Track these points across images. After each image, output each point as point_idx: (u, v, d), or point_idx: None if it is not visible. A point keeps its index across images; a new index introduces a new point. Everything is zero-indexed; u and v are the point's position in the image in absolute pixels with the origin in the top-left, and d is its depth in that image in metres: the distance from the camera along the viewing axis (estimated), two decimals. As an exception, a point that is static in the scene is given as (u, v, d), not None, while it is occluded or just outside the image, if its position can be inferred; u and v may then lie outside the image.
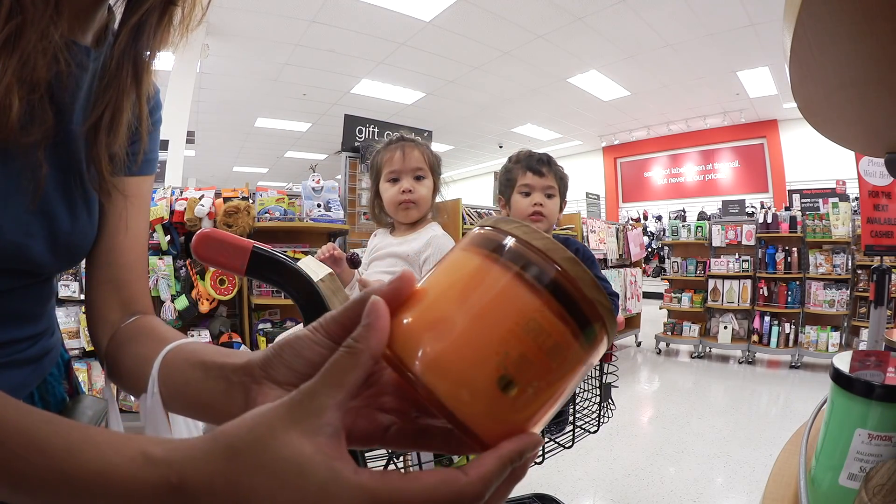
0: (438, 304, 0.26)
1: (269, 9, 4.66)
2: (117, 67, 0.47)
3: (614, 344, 1.38)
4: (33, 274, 0.47)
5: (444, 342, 0.25)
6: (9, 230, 0.41)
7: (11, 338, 0.48)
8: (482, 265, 0.26)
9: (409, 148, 1.29)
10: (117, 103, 0.47)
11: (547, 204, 1.37)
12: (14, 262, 0.43)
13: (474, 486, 0.24)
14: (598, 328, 0.26)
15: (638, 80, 6.68)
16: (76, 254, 0.50)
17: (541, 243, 0.26)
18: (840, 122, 0.68)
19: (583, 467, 2.40)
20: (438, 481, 0.24)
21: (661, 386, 4.03)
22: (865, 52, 0.43)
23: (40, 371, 0.53)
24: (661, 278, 7.29)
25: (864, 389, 0.48)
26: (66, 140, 0.46)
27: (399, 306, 0.27)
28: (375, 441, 0.32)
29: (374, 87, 6.83)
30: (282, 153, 10.34)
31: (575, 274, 0.25)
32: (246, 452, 0.24)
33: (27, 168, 0.41)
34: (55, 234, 0.46)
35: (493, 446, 0.25)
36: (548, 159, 1.41)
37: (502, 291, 0.25)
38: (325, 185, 3.08)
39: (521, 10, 4.82)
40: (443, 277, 0.28)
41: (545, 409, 0.26)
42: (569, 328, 0.25)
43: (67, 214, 0.47)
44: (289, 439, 0.24)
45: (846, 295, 4.19)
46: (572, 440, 1.23)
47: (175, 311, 2.55)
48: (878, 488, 0.44)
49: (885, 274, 1.94)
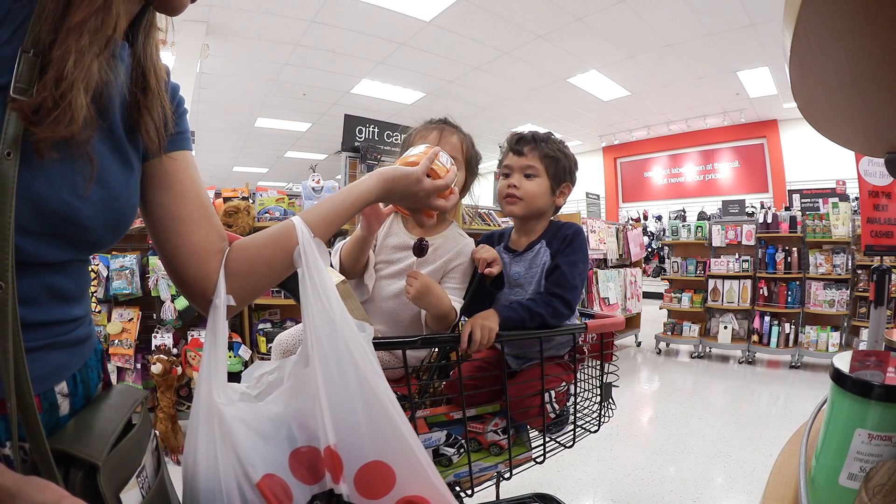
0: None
1: (269, 9, 4.66)
2: (148, 60, 0.57)
3: (615, 344, 1.37)
4: (79, 243, 0.51)
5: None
6: (62, 189, 0.46)
7: (55, 318, 0.51)
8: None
9: (448, 132, 1.19)
10: (156, 88, 0.57)
11: (524, 185, 1.25)
12: (64, 225, 0.48)
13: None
14: None
15: (638, 80, 6.68)
16: (122, 221, 0.55)
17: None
18: (840, 121, 0.68)
19: (583, 467, 2.40)
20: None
21: (661, 386, 4.03)
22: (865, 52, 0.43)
23: (81, 356, 0.56)
24: (661, 278, 7.29)
25: (864, 389, 0.48)
26: (112, 123, 0.54)
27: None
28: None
29: (374, 87, 6.82)
30: (282, 153, 10.34)
31: None
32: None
33: (80, 158, 0.48)
34: (106, 199, 0.51)
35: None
36: (533, 137, 1.28)
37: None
38: (325, 185, 3.09)
39: (521, 10, 4.82)
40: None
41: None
42: None
43: (116, 182, 0.53)
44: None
45: (846, 295, 4.19)
46: (573, 439, 1.23)
47: (175, 310, 2.55)
48: (878, 488, 0.44)
49: (885, 274, 1.94)
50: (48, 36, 0.43)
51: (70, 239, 0.49)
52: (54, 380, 0.51)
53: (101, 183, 0.50)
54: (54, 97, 0.43)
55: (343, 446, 0.54)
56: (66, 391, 0.53)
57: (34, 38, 0.43)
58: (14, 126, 0.42)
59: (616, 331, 1.29)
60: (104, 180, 0.51)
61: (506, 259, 1.28)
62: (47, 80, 0.43)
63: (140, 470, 0.54)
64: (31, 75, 0.42)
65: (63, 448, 0.46)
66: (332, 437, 0.54)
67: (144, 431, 0.58)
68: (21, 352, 0.42)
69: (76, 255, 0.52)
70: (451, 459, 1.07)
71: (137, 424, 0.57)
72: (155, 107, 0.57)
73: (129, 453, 0.53)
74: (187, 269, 0.63)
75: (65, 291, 0.51)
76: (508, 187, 1.27)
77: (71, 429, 0.51)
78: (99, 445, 0.48)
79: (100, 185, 0.50)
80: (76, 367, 0.55)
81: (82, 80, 0.45)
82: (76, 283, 0.53)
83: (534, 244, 1.28)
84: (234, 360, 2.57)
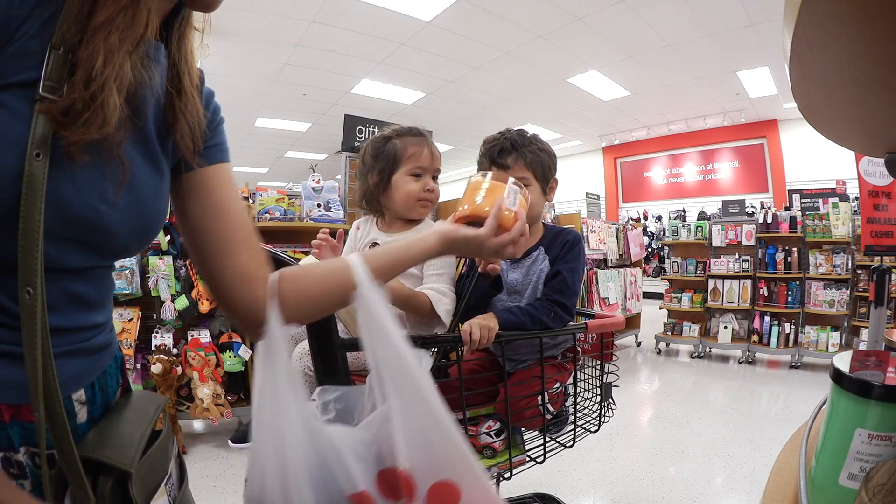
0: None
1: (269, 9, 4.66)
2: (182, 63, 0.57)
3: (615, 344, 1.37)
4: (102, 250, 0.50)
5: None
6: (88, 194, 0.45)
7: (77, 325, 0.50)
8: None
9: (434, 148, 1.28)
10: (190, 92, 0.57)
11: None
12: (88, 230, 0.46)
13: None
14: None
15: (638, 80, 6.67)
16: (150, 227, 0.54)
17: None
18: (840, 122, 0.68)
19: (583, 467, 2.40)
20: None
21: (661, 386, 4.03)
22: (865, 52, 0.43)
23: (101, 363, 0.55)
24: (661, 278, 7.29)
25: (863, 389, 0.48)
26: (144, 126, 0.52)
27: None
28: None
29: (374, 87, 6.82)
30: (282, 153, 10.34)
31: None
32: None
33: (112, 162, 0.47)
34: (133, 205, 0.50)
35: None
36: (512, 144, 1.25)
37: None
38: (325, 185, 3.09)
39: (521, 10, 4.82)
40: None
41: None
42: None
43: (146, 188, 0.52)
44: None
45: (846, 295, 4.19)
46: (573, 439, 1.23)
47: (175, 311, 2.55)
48: (878, 488, 0.44)
49: (885, 274, 1.94)
50: (75, 35, 0.42)
51: (94, 245, 0.48)
52: (72, 387, 0.50)
53: (129, 188, 0.49)
54: (84, 98, 0.42)
55: (416, 468, 0.58)
56: (83, 398, 0.52)
57: (62, 35, 0.42)
58: (43, 126, 0.41)
59: (616, 331, 1.29)
60: (133, 185, 0.50)
61: (503, 265, 1.27)
62: (76, 81, 0.42)
63: (168, 478, 0.53)
64: (60, 74, 0.41)
65: (93, 455, 0.45)
66: (407, 461, 0.57)
67: (168, 438, 0.58)
68: (50, 358, 0.41)
69: (99, 262, 0.51)
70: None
71: (164, 431, 0.56)
72: (190, 110, 0.56)
73: (157, 460, 0.52)
74: (232, 291, 0.60)
75: (86, 297, 0.51)
76: None
77: (96, 436, 0.50)
78: (130, 452, 0.47)
79: (128, 191, 0.49)
80: (94, 376, 0.54)
81: (114, 80, 0.43)
82: (98, 290, 0.52)
83: (531, 251, 1.27)
84: (234, 360, 2.57)
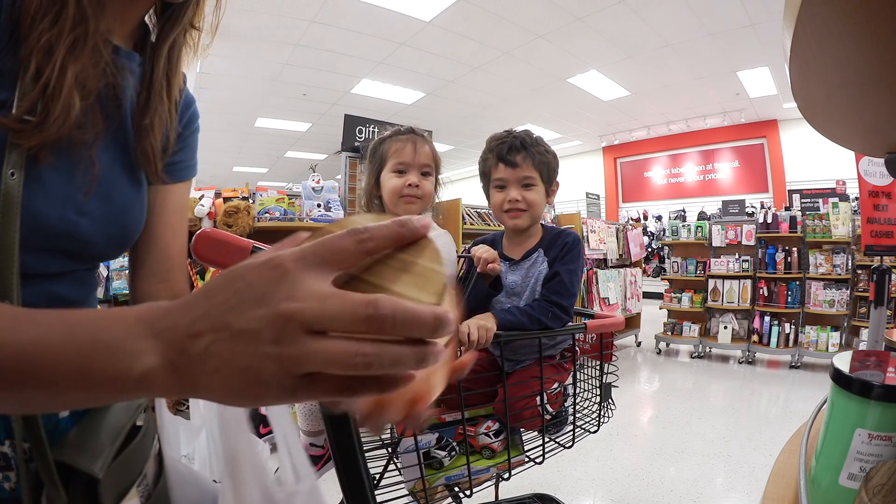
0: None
1: (269, 9, 4.66)
2: (157, 78, 0.55)
3: (614, 344, 1.37)
4: (81, 257, 0.51)
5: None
6: (61, 205, 0.46)
7: None
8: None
9: (420, 143, 1.24)
10: (159, 110, 0.55)
11: (525, 196, 1.24)
12: (64, 241, 0.48)
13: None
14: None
15: (638, 80, 6.67)
16: (127, 235, 0.55)
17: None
18: (840, 122, 0.68)
19: (583, 467, 2.40)
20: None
21: (661, 386, 4.03)
22: (865, 52, 0.43)
23: None
24: (661, 278, 7.28)
25: (863, 389, 0.48)
26: (120, 134, 0.53)
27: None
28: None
29: (374, 87, 6.82)
30: (282, 153, 10.34)
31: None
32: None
33: (81, 163, 0.47)
34: (109, 214, 0.51)
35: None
36: (522, 143, 1.24)
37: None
38: (325, 185, 3.08)
39: (521, 10, 4.82)
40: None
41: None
42: None
43: (121, 196, 0.52)
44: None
45: (846, 295, 4.18)
46: (572, 440, 1.23)
47: (175, 311, 2.55)
48: (878, 488, 0.44)
49: (885, 274, 1.94)
50: (33, 43, 0.42)
51: (73, 253, 0.49)
52: None
53: (104, 197, 0.49)
54: (32, 98, 0.42)
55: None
56: None
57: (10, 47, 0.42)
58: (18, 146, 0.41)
59: (616, 331, 1.29)
60: (108, 194, 0.50)
61: (503, 267, 1.27)
62: (26, 82, 0.42)
63: (141, 478, 0.53)
64: (11, 84, 0.42)
65: (65, 460, 0.46)
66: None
67: (149, 435, 0.58)
68: None
69: (79, 266, 0.52)
70: (441, 462, 1.06)
71: (143, 427, 0.56)
72: (156, 126, 0.55)
73: (131, 461, 0.52)
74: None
75: (67, 298, 0.51)
76: (509, 201, 1.24)
77: (74, 437, 0.50)
78: (101, 457, 0.48)
79: (102, 199, 0.49)
80: None
81: (69, 79, 0.43)
82: (79, 290, 0.53)
83: (531, 252, 1.27)
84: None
